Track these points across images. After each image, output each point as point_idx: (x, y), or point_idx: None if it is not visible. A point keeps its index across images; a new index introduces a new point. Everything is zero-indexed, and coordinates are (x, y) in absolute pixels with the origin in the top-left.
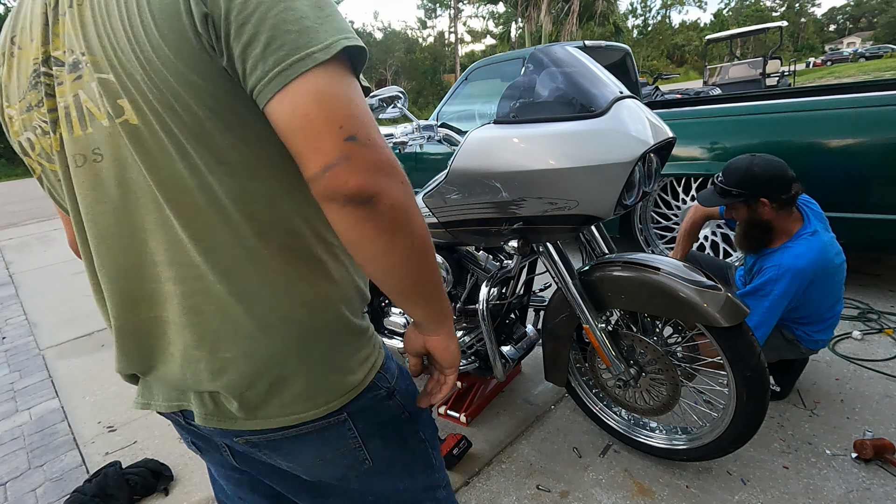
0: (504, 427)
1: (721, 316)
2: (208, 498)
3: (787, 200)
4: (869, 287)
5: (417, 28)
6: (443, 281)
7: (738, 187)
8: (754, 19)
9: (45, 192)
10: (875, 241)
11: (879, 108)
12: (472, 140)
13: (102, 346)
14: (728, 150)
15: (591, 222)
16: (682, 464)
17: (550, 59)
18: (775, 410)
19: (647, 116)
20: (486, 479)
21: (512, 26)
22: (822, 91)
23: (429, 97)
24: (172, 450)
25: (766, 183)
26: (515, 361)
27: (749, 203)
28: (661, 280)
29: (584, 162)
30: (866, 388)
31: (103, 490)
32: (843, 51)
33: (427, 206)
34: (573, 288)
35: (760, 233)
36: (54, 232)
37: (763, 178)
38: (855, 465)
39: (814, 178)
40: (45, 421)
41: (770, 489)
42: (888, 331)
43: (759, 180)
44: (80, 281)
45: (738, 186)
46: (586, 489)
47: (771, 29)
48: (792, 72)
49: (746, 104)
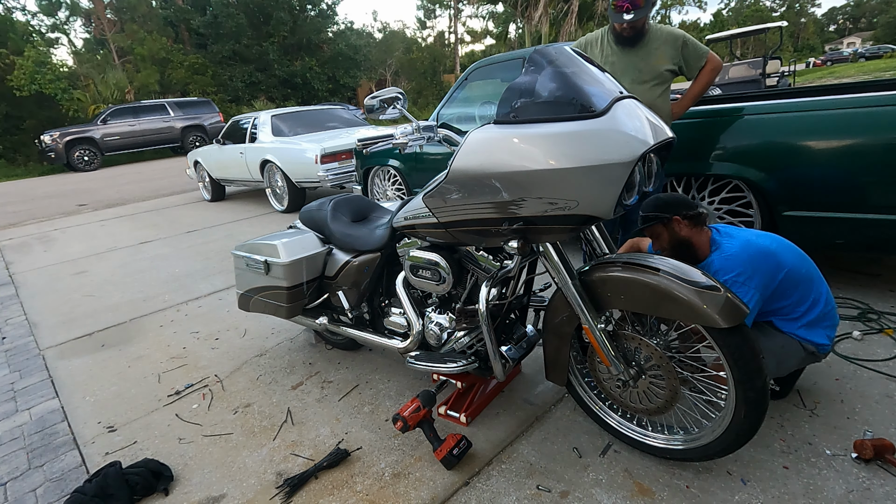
0: (504, 427)
1: (720, 317)
2: (208, 498)
3: (697, 216)
4: (869, 287)
5: (417, 28)
6: (443, 281)
7: (654, 212)
8: (754, 19)
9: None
10: (875, 241)
11: (879, 108)
12: (472, 140)
13: (102, 346)
14: (728, 150)
15: (592, 222)
16: (682, 464)
17: (550, 59)
18: (775, 410)
19: (647, 116)
20: (486, 479)
21: (511, 26)
22: (822, 91)
23: (428, 97)
24: (172, 450)
25: (675, 203)
26: (515, 361)
27: (666, 224)
28: (659, 281)
29: (583, 162)
30: (866, 388)
31: (103, 490)
32: (843, 51)
33: (427, 206)
34: (573, 288)
35: (685, 250)
36: (54, 232)
37: (671, 200)
38: (855, 465)
39: (814, 178)
40: (45, 421)
41: (770, 489)
42: (888, 331)
43: (668, 201)
44: (80, 281)
45: (654, 211)
46: (586, 489)
47: (771, 29)
48: (792, 72)
49: (746, 104)
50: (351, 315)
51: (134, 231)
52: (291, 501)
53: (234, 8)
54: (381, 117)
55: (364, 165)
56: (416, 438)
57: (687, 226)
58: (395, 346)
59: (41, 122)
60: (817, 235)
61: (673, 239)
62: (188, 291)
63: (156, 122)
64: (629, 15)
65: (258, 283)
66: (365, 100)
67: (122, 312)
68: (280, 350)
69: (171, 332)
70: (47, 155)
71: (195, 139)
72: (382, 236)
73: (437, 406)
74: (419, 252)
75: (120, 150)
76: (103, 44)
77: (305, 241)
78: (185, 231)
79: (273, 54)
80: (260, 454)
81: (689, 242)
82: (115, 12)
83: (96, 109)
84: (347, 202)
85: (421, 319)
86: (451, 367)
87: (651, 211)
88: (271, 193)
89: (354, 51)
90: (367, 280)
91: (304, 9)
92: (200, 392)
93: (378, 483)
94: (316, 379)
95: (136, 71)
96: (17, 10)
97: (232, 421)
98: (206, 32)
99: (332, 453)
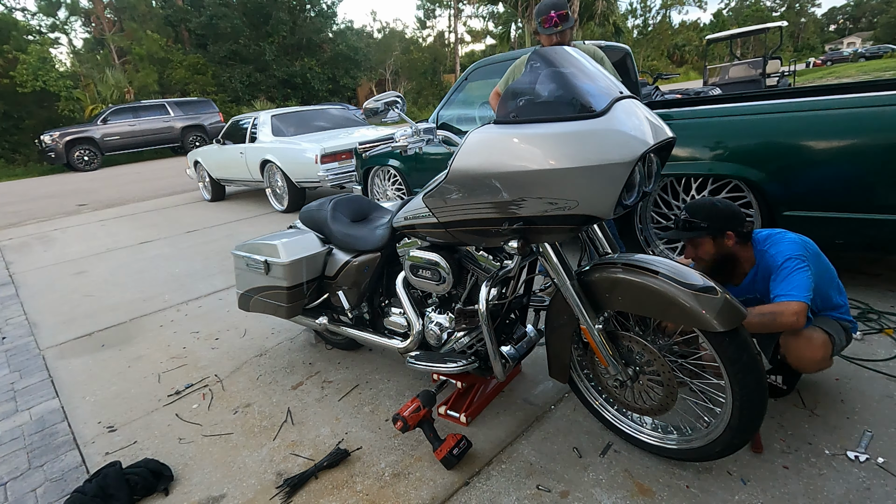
0: (504, 427)
1: (717, 320)
2: (208, 498)
3: (747, 234)
4: (869, 287)
5: (417, 28)
6: (443, 281)
7: (706, 220)
8: (754, 19)
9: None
10: (875, 241)
11: (879, 108)
12: (473, 140)
13: (102, 346)
14: (728, 150)
15: (592, 222)
16: (682, 464)
17: (550, 59)
18: (775, 410)
19: (647, 116)
20: (486, 479)
21: (511, 26)
22: (822, 91)
23: (428, 97)
24: (172, 450)
25: (731, 217)
26: (515, 361)
27: (715, 237)
28: (657, 283)
29: (583, 162)
30: (866, 388)
31: (103, 490)
32: (843, 51)
33: (427, 206)
34: (571, 289)
35: (730, 266)
36: (54, 232)
37: (727, 212)
38: (855, 466)
39: (814, 178)
40: (45, 421)
41: (770, 489)
42: (888, 331)
43: (723, 214)
44: (80, 281)
45: (706, 220)
46: (586, 489)
47: (771, 29)
48: (792, 72)
49: (746, 104)
50: (351, 315)
51: (134, 231)
52: (291, 501)
53: (231, 8)
54: (380, 121)
55: (364, 165)
56: (416, 438)
57: (736, 241)
58: (395, 346)
59: (40, 122)
60: (817, 235)
61: (718, 253)
62: (188, 291)
63: (156, 122)
64: (558, 28)
65: (258, 282)
66: (364, 104)
67: (122, 312)
68: (280, 350)
69: (171, 332)
70: (47, 155)
71: (195, 139)
72: (382, 236)
73: (437, 406)
74: (419, 252)
75: (120, 150)
76: (103, 44)
77: (305, 241)
78: (185, 231)
79: (271, 55)
80: (260, 454)
81: (734, 258)
82: (115, 12)
83: (95, 110)
84: (347, 202)
85: (421, 319)
86: (451, 367)
87: (702, 219)
88: (271, 193)
89: (354, 51)
90: (367, 280)
91: (304, 9)
92: (200, 392)
93: (378, 483)
94: (316, 379)
95: (136, 71)
96: (16, 10)
97: (232, 421)
98: (205, 33)
99: (332, 453)
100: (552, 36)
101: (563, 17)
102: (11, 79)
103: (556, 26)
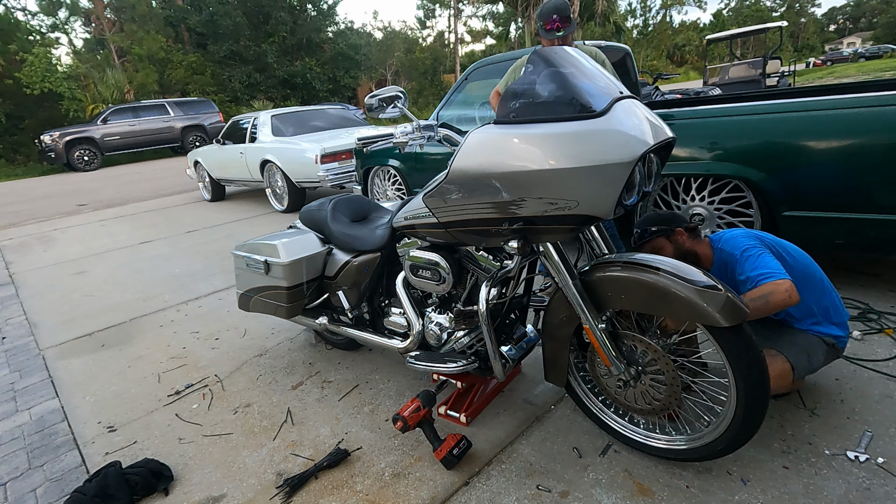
0: (504, 427)
1: (721, 316)
2: (208, 498)
3: (693, 228)
4: (869, 287)
5: (417, 28)
6: (443, 281)
7: (655, 225)
8: (754, 19)
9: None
10: (875, 241)
11: (879, 108)
12: (473, 140)
13: (102, 346)
14: (728, 150)
15: (592, 222)
16: (682, 464)
17: (550, 59)
18: (775, 410)
19: (647, 116)
20: (486, 479)
21: (511, 26)
22: (822, 91)
23: (429, 97)
24: (172, 450)
25: (674, 217)
26: (515, 361)
27: (669, 236)
28: (660, 280)
29: (583, 162)
30: (866, 388)
31: (103, 490)
32: (843, 51)
33: (427, 206)
34: (573, 288)
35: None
36: (54, 232)
37: (668, 215)
38: (855, 466)
39: (814, 178)
40: (45, 421)
41: (770, 489)
42: (888, 331)
43: (666, 217)
44: (80, 281)
45: (654, 225)
46: (586, 489)
47: (771, 29)
48: (792, 72)
49: (746, 104)
50: (351, 315)
51: (134, 231)
52: (291, 501)
53: (232, 7)
54: (381, 116)
55: (364, 165)
56: (416, 438)
57: (689, 237)
58: (395, 346)
59: (40, 122)
60: (817, 235)
61: (678, 251)
62: (188, 291)
63: (156, 122)
64: (560, 32)
65: (258, 282)
66: (366, 98)
67: (122, 312)
68: (280, 350)
69: (171, 332)
70: (47, 155)
71: (195, 139)
72: (382, 236)
73: (437, 406)
74: (419, 252)
75: (120, 150)
76: (103, 44)
77: (305, 241)
78: (185, 231)
79: (271, 55)
80: (260, 454)
81: (695, 253)
82: (115, 12)
83: (95, 110)
84: (347, 202)
85: (421, 319)
86: (451, 367)
87: (652, 225)
88: (271, 193)
89: (355, 51)
90: (367, 280)
91: (304, 8)
92: (200, 392)
93: (378, 483)
94: (316, 379)
95: (136, 71)
96: (17, 10)
97: (232, 421)
98: (205, 32)
99: (332, 453)
100: (554, 40)
101: (565, 21)
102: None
103: (559, 30)
